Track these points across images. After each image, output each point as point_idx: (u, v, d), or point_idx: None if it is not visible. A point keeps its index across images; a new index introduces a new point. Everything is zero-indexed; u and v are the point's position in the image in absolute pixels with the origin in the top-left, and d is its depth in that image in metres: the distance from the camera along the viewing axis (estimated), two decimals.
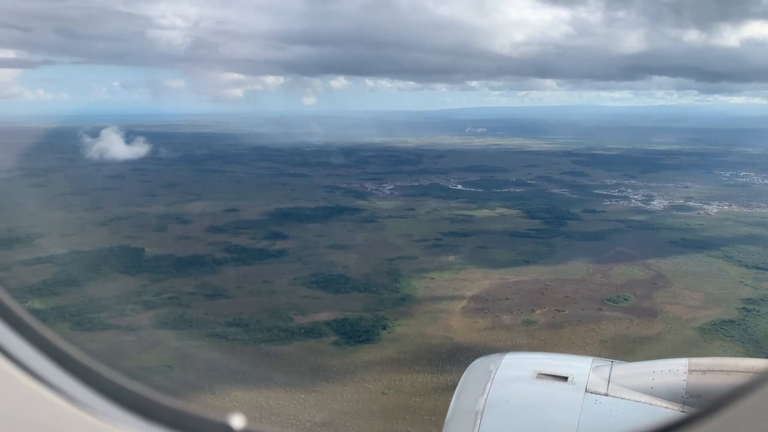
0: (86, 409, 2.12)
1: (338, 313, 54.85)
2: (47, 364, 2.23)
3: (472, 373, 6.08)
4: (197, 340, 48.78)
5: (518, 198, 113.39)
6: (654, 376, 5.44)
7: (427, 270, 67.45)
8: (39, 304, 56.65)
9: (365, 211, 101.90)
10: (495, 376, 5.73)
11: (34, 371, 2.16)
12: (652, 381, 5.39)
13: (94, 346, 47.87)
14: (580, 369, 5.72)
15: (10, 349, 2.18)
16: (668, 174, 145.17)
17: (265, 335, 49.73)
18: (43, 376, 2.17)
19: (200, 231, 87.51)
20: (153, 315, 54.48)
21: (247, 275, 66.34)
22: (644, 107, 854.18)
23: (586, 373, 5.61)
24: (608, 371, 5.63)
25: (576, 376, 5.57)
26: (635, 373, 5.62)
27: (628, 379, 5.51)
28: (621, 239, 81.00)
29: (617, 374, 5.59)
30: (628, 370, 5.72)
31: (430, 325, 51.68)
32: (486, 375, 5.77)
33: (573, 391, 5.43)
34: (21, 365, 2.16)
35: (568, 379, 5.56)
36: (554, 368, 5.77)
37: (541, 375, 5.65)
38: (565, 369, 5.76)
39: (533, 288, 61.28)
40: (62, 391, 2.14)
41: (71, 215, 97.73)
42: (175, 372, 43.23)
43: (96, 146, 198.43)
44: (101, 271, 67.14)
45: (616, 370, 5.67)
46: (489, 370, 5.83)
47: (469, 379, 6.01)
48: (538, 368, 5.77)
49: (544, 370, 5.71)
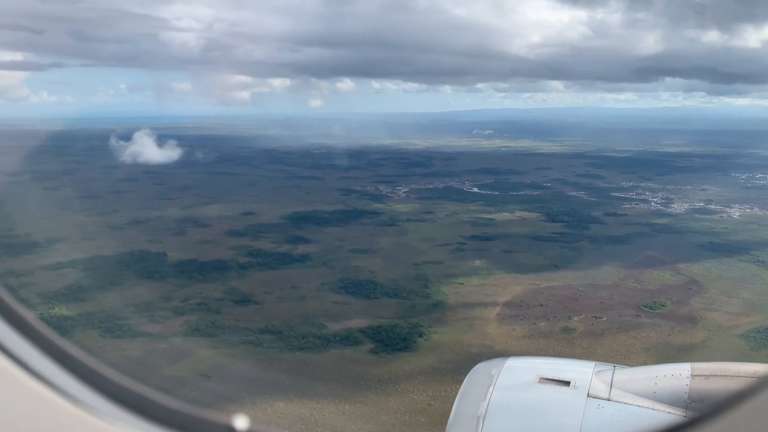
0: (88, 409, 2.09)
1: (371, 319, 53.87)
2: (49, 364, 2.21)
3: (474, 378, 6.06)
4: (231, 348, 47.83)
5: (536, 201, 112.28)
6: (656, 380, 5.40)
7: (455, 275, 66.45)
8: (66, 311, 55.79)
9: (383, 215, 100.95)
10: (497, 380, 5.71)
11: (35, 371, 2.14)
12: (654, 386, 5.35)
13: (127, 355, 47.00)
14: (582, 374, 5.71)
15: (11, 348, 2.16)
16: (683, 176, 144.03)
17: (299, 343, 48.77)
18: (45, 376, 2.15)
19: (220, 235, 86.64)
20: (183, 322, 53.56)
21: (273, 280, 65.40)
22: (649, 109, 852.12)
23: (589, 378, 5.59)
24: (610, 376, 5.61)
25: (578, 381, 5.55)
26: (638, 378, 5.60)
27: (631, 384, 5.48)
28: (647, 243, 79.93)
29: (619, 379, 5.56)
30: (631, 375, 5.71)
31: (467, 332, 50.69)
32: (488, 379, 5.75)
33: (575, 396, 5.40)
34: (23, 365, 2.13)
35: (571, 383, 5.53)
36: (556, 373, 5.75)
37: (543, 380, 5.63)
38: (567, 374, 5.74)
39: (566, 294, 60.25)
40: (64, 391, 2.12)
41: (88, 219, 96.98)
42: (212, 382, 42.28)
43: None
44: (125, 276, 66.25)
45: (619, 374, 5.65)
46: (491, 375, 5.82)
47: (471, 383, 5.99)
48: (540, 373, 5.75)
49: (546, 375, 5.69)
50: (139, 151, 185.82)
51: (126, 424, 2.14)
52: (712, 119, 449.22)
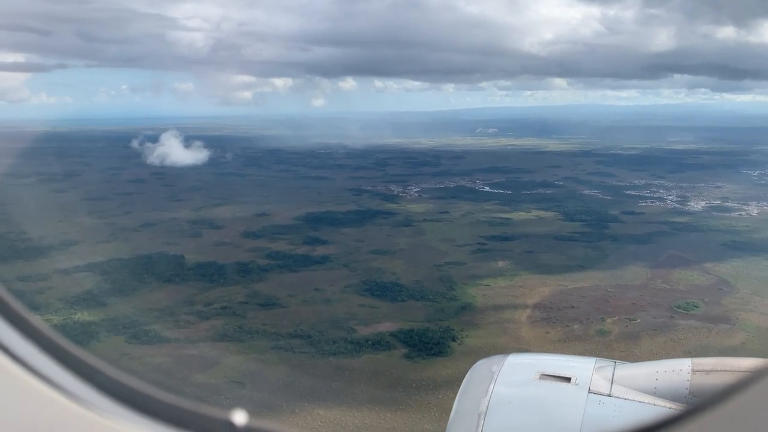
0: (88, 406, 2.11)
1: (401, 323, 52.85)
2: (49, 361, 2.23)
3: (475, 375, 6.05)
4: (262, 354, 46.80)
5: (551, 200, 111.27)
6: (657, 376, 5.40)
7: (480, 276, 65.45)
8: (88, 316, 54.73)
9: (398, 215, 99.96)
10: (498, 377, 5.68)
11: (35, 369, 2.16)
12: (655, 381, 5.35)
13: (156, 362, 45.98)
14: (583, 370, 5.68)
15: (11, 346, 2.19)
16: (695, 174, 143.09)
17: (331, 347, 47.72)
18: (45, 374, 2.17)
19: (236, 236, 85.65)
20: (209, 326, 52.53)
21: (295, 283, 64.38)
22: (650, 106, 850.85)
23: (589, 374, 5.58)
24: (611, 372, 5.60)
25: (579, 377, 5.54)
26: (638, 374, 5.58)
27: (632, 380, 5.47)
28: (670, 242, 78.99)
29: (620, 375, 5.55)
30: (632, 371, 5.69)
31: (500, 336, 49.72)
32: (489, 376, 5.73)
33: (576, 392, 5.39)
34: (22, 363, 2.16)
35: (571, 380, 5.52)
36: (557, 369, 5.73)
37: (544, 376, 5.62)
38: (568, 370, 5.72)
39: (595, 295, 59.26)
40: (64, 389, 2.14)
41: (100, 221, 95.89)
42: (247, 390, 41.27)
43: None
44: (145, 280, 65.22)
45: (619, 370, 5.64)
46: (492, 372, 5.81)
47: (472, 380, 5.98)
48: (541, 369, 5.74)
49: (547, 371, 5.67)
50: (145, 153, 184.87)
51: (126, 421, 2.11)
52: (715, 116, 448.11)
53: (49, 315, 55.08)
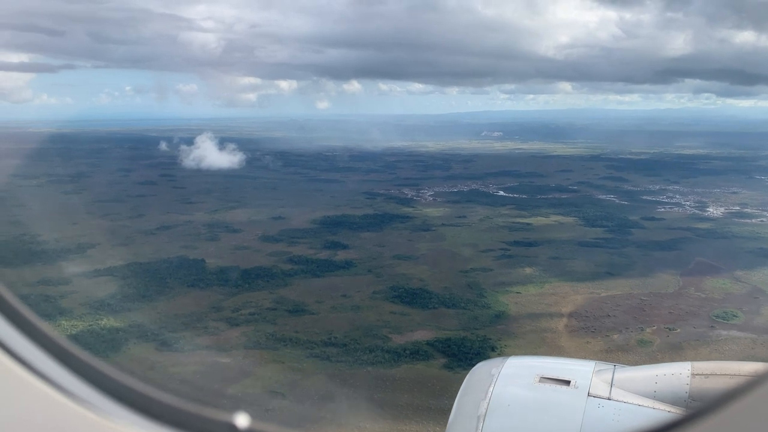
0: (89, 407, 2.13)
1: (436, 331, 51.70)
2: (51, 362, 2.24)
3: (475, 377, 6.01)
4: (298, 363, 45.58)
5: (568, 205, 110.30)
6: (657, 380, 5.37)
7: (509, 283, 64.32)
8: (115, 322, 53.50)
9: (416, 219, 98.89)
10: (497, 380, 5.67)
11: (37, 369, 2.18)
12: (655, 385, 5.32)
13: (190, 370, 44.78)
14: (582, 373, 5.66)
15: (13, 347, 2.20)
16: (709, 179, 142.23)
17: (369, 357, 46.51)
18: (47, 374, 2.18)
19: (254, 240, 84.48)
20: (240, 333, 51.32)
21: (321, 288, 63.23)
22: (652, 110, 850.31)
23: (589, 377, 5.55)
24: (611, 375, 5.57)
25: (578, 380, 5.52)
26: (638, 377, 5.55)
27: (631, 383, 5.45)
28: (696, 249, 77.93)
29: (620, 378, 5.52)
30: (631, 374, 5.65)
31: (540, 346, 48.58)
32: (488, 379, 5.71)
33: (575, 395, 5.37)
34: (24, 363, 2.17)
35: (571, 383, 5.50)
36: (556, 372, 5.70)
37: (544, 379, 5.59)
38: (567, 373, 5.69)
39: (630, 303, 58.16)
40: (66, 389, 2.16)
41: (115, 224, 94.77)
42: (288, 400, 40.06)
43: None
44: (168, 285, 64.01)
45: (619, 374, 5.61)
46: (491, 374, 5.79)
47: (472, 382, 5.94)
48: (540, 372, 5.72)
49: (547, 374, 5.65)
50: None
51: (128, 422, 2.12)
52: (718, 121, 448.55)
53: (74, 321, 53.94)
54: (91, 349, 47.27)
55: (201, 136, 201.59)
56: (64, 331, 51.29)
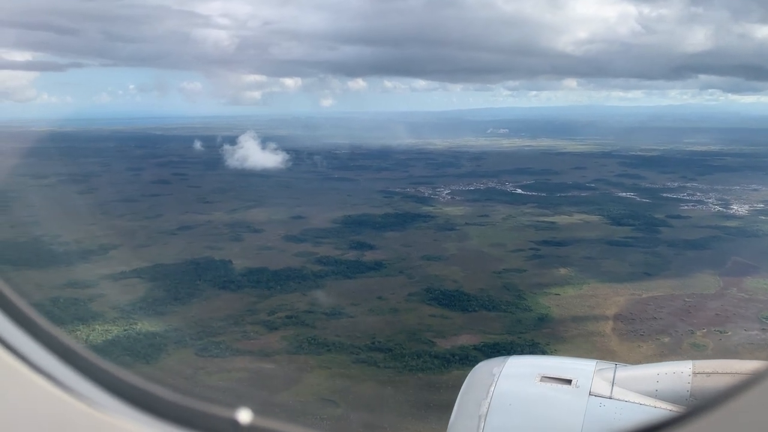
0: (90, 403, 2.14)
1: (481, 336, 50.43)
2: (51, 358, 2.25)
3: (476, 377, 6.03)
4: (345, 368, 44.28)
5: (589, 203, 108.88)
6: (658, 378, 5.34)
7: (546, 285, 63.03)
8: (149, 326, 52.13)
9: (438, 218, 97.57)
10: (499, 379, 5.64)
11: (37, 365, 2.19)
12: (656, 384, 5.30)
13: (235, 377, 43.46)
14: (583, 372, 5.65)
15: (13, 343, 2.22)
16: (725, 176, 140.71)
17: (416, 362, 45.20)
18: (47, 371, 2.19)
19: (278, 241, 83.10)
20: (279, 337, 49.99)
21: (354, 290, 61.91)
22: (654, 107, 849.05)
23: (590, 376, 5.55)
24: (612, 374, 5.56)
25: (580, 379, 5.52)
26: (639, 376, 5.53)
27: (632, 382, 5.43)
28: (729, 248, 76.61)
29: (621, 377, 5.50)
30: (633, 373, 5.63)
31: (591, 351, 47.23)
32: (490, 378, 5.72)
33: (577, 394, 5.38)
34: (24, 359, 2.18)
35: (572, 382, 5.50)
36: (558, 371, 5.70)
37: (545, 378, 5.58)
38: (568, 372, 5.69)
39: (674, 305, 56.90)
40: (66, 386, 2.17)
41: (132, 224, 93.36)
42: (342, 408, 38.74)
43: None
44: (198, 287, 62.65)
45: (620, 373, 5.59)
46: (492, 374, 5.78)
47: (473, 382, 5.98)
48: (541, 371, 5.71)
49: (548, 373, 5.63)
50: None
51: (128, 418, 2.13)
52: (721, 117, 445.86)
53: (108, 325, 52.55)
54: (130, 354, 45.96)
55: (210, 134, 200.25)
56: (98, 336, 50.02)
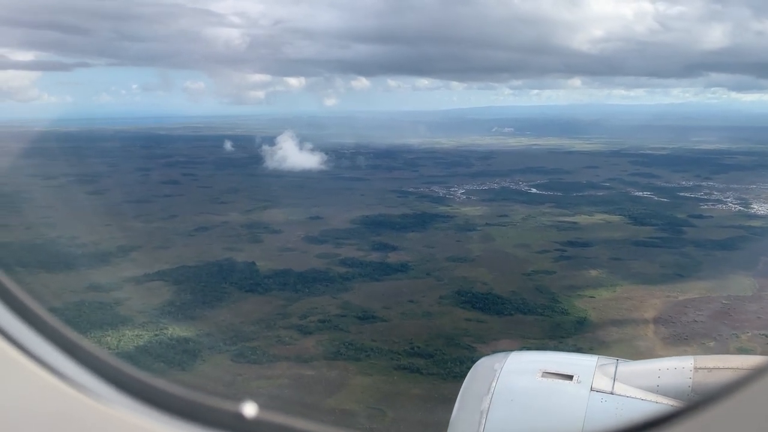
0: (91, 395, 2.15)
1: (520, 340, 49.29)
2: (52, 350, 2.26)
3: (477, 372, 6.01)
4: (387, 375, 43.22)
5: (607, 202, 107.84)
6: (660, 374, 5.33)
7: (579, 287, 62.01)
8: (181, 331, 51.02)
9: (456, 218, 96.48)
10: (500, 375, 5.64)
11: (39, 357, 2.20)
12: (657, 379, 5.29)
13: (276, 384, 42.36)
14: (585, 367, 5.63)
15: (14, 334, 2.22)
16: (740, 175, 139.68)
17: (461, 369, 43.90)
18: (49, 362, 2.21)
19: (298, 241, 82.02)
20: (315, 342, 48.89)
21: (384, 293, 60.83)
22: (656, 105, 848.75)
23: (592, 372, 5.53)
24: (614, 370, 5.55)
25: (581, 375, 5.49)
26: (641, 372, 5.53)
27: (634, 378, 5.42)
28: (758, 248, 75.58)
29: (623, 372, 5.50)
30: (634, 369, 5.64)
31: (637, 356, 46.11)
32: (491, 374, 5.69)
33: (578, 390, 5.35)
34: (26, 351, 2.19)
35: (574, 377, 5.48)
36: (559, 367, 5.68)
37: (547, 374, 5.58)
38: (570, 367, 5.66)
39: (713, 307, 55.86)
40: (67, 377, 2.18)
41: (149, 225, 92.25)
42: (390, 417, 37.66)
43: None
44: (224, 290, 61.53)
45: (622, 368, 5.58)
46: (494, 369, 5.76)
47: (474, 378, 5.95)
48: (543, 367, 5.69)
49: (550, 369, 5.63)
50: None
51: (132, 411, 2.14)
52: (725, 115, 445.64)
53: (138, 330, 51.38)
54: (165, 361, 44.83)
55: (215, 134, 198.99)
56: (129, 342, 48.88)
